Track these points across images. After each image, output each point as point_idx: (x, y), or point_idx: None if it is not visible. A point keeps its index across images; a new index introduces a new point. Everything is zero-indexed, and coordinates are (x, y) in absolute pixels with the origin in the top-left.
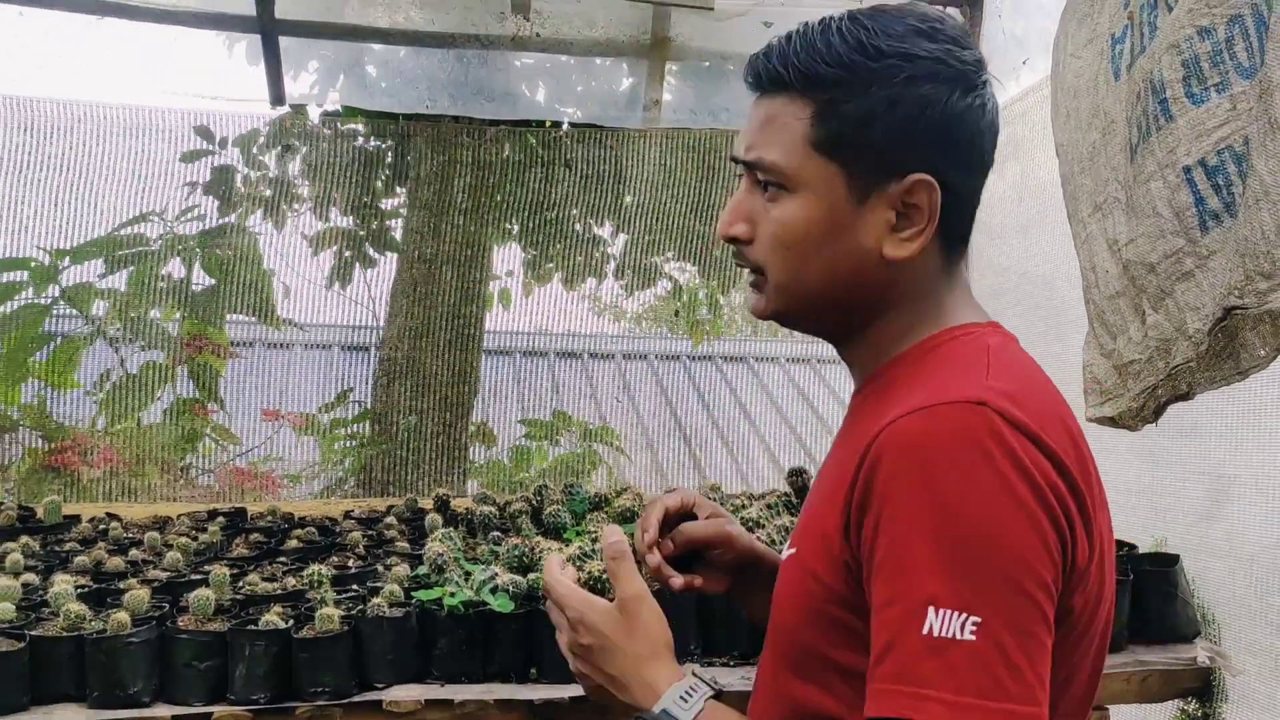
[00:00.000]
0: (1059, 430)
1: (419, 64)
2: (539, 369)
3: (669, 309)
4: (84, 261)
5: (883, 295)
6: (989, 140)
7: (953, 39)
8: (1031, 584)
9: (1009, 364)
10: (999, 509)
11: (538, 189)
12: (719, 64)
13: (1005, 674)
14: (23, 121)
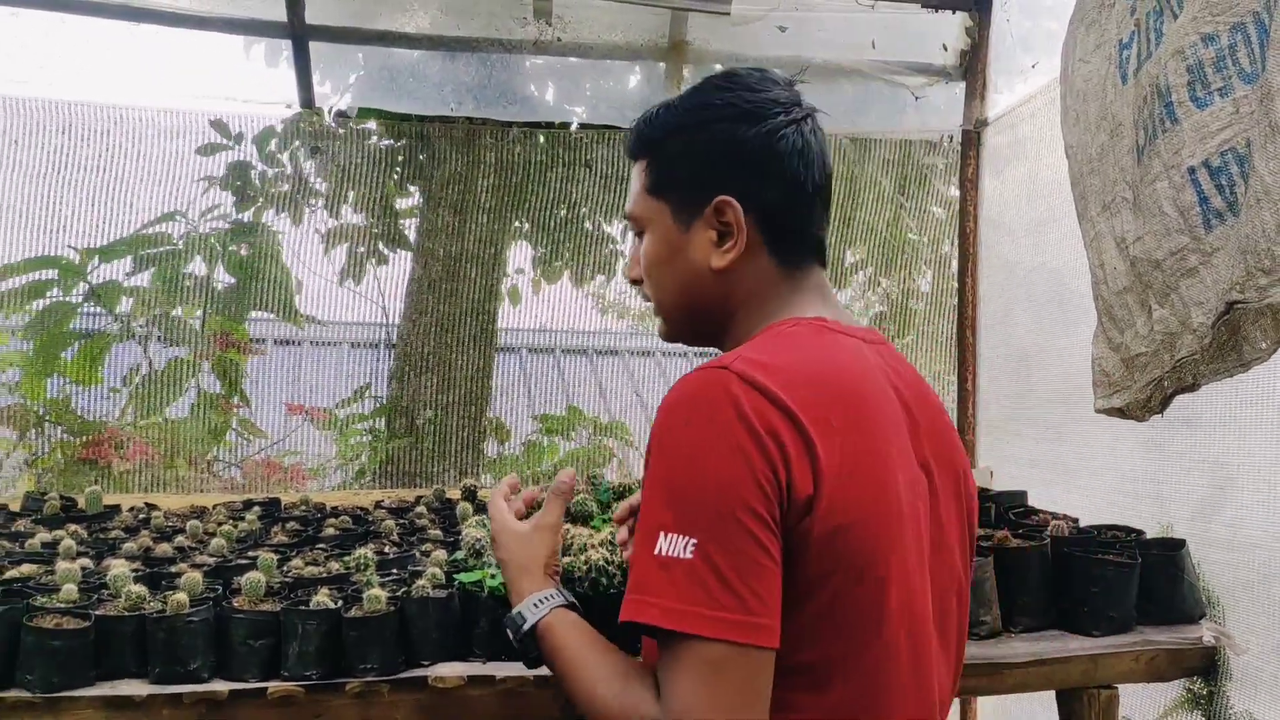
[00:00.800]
0: (808, 389)
1: (444, 68)
2: (546, 366)
3: None
4: (112, 260)
5: (725, 301)
6: (794, 160)
7: (746, 86)
8: (742, 512)
9: (787, 342)
10: (715, 451)
11: (557, 188)
12: (734, 67)
13: (716, 586)
14: (61, 124)
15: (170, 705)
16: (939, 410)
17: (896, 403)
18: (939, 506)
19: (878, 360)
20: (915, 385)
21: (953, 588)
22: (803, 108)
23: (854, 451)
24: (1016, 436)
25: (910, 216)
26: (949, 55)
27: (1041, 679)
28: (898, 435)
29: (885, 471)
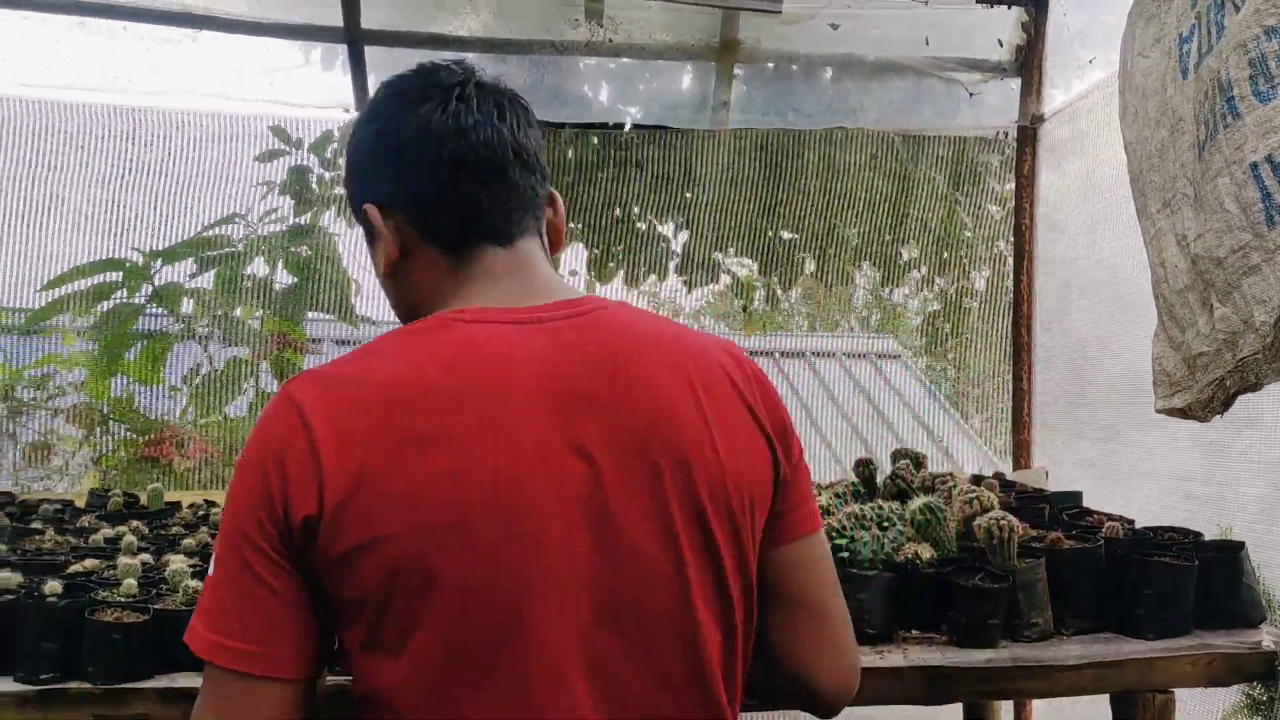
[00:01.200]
0: (346, 400)
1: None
2: None
3: (726, 304)
4: (174, 262)
5: (410, 304)
6: (431, 143)
7: (391, 88)
8: (237, 537)
9: (374, 345)
10: (239, 477)
11: (608, 188)
12: (786, 66)
13: (215, 610)
14: (125, 129)
15: None
16: (653, 394)
17: (542, 391)
18: (607, 497)
19: (539, 344)
20: (609, 366)
21: (639, 580)
22: (454, 85)
23: (395, 459)
24: (1073, 436)
25: (965, 214)
26: (1004, 51)
27: (1095, 682)
28: (527, 426)
29: (469, 471)
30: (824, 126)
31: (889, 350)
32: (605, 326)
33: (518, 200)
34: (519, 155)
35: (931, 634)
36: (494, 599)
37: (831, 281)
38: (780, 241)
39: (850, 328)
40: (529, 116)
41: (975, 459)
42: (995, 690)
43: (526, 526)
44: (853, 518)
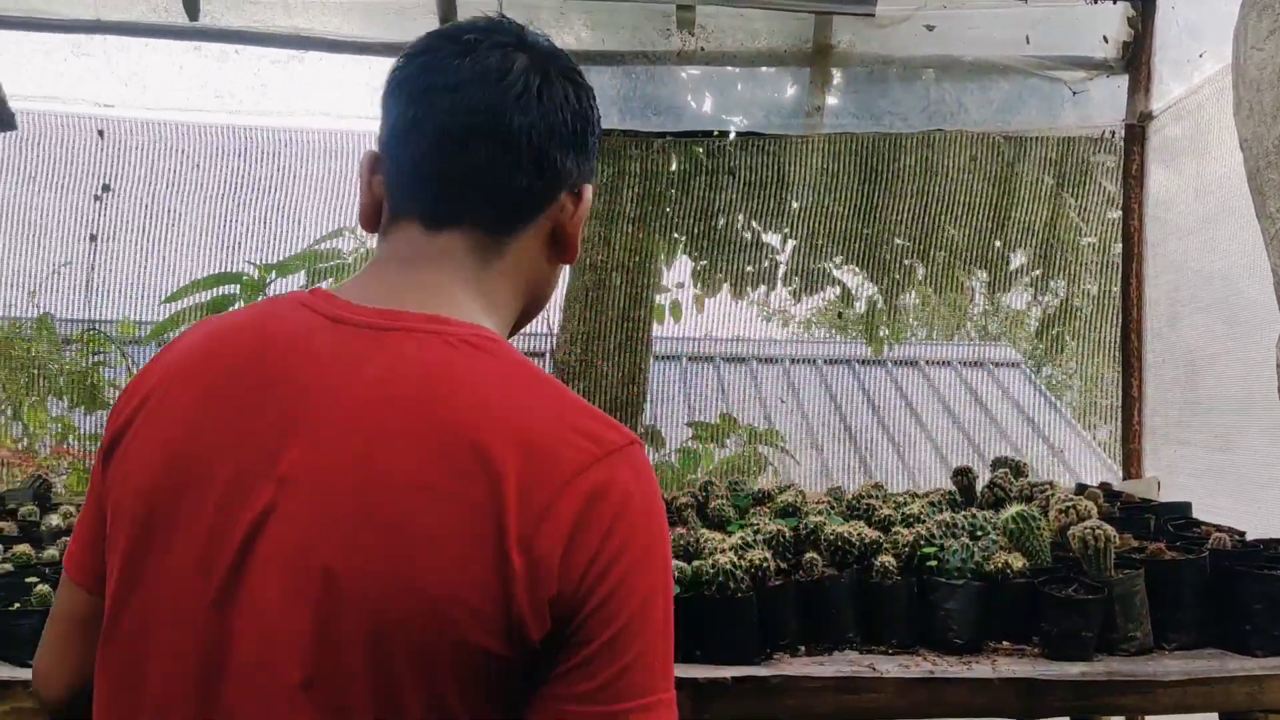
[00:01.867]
0: (151, 371)
1: (589, 82)
2: (706, 374)
3: (836, 315)
4: (287, 274)
5: None
6: (397, 91)
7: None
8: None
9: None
10: None
11: (704, 196)
12: (881, 69)
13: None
14: (238, 148)
15: None
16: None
17: (277, 398)
18: (282, 529)
19: (323, 350)
20: (379, 392)
21: (259, 629)
22: (483, 38)
23: (142, 436)
24: (1184, 445)
25: (1075, 215)
26: (1109, 47)
27: (1200, 699)
28: (232, 429)
29: (166, 462)
30: (922, 129)
31: (1007, 358)
32: (412, 355)
33: (474, 182)
34: (501, 131)
35: (1022, 646)
36: (141, 594)
37: (942, 288)
38: (889, 248)
39: (969, 336)
40: (575, 101)
41: (1099, 472)
42: (1089, 705)
43: (180, 532)
44: (942, 526)
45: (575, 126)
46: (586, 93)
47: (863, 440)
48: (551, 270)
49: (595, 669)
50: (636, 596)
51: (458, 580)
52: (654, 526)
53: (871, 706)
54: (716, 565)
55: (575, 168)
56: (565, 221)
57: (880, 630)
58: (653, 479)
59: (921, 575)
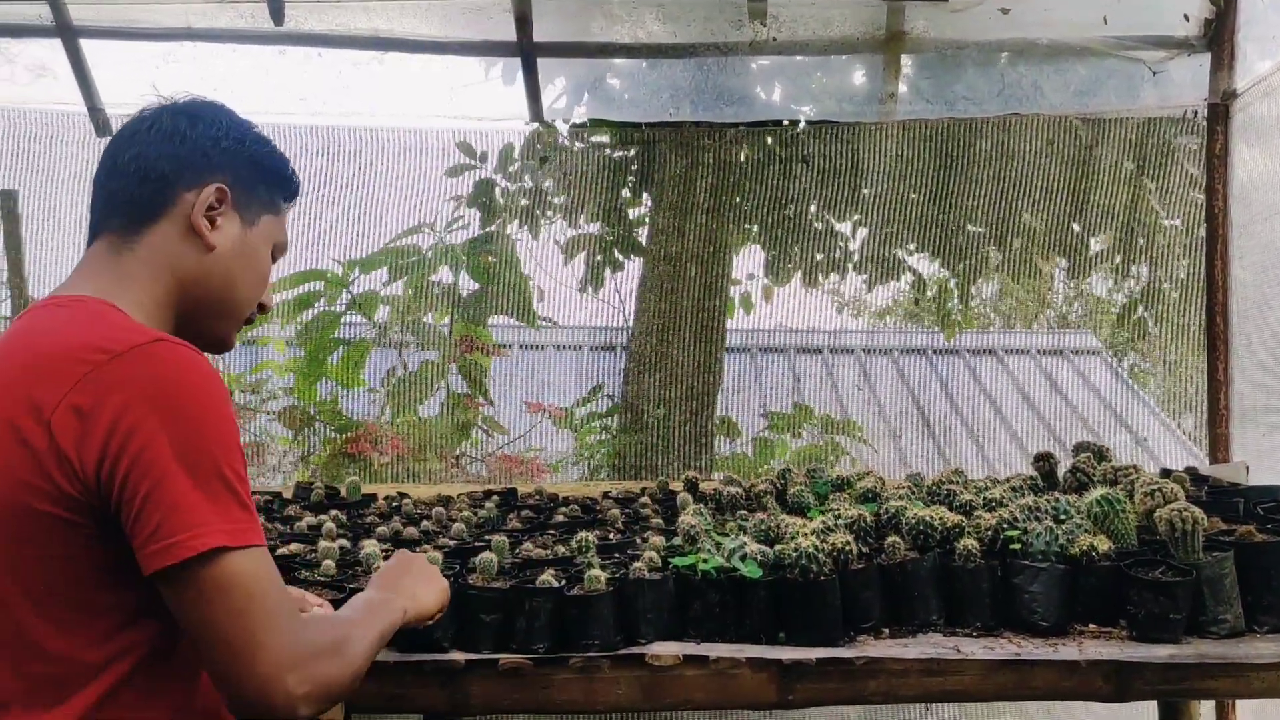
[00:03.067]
0: None
1: (661, 74)
2: (779, 364)
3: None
4: (370, 271)
5: None
6: None
7: None
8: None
9: None
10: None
11: (776, 185)
12: (955, 54)
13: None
14: (321, 147)
15: (413, 672)
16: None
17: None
18: None
19: (32, 324)
20: (26, 345)
21: None
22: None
23: None
24: (1275, 429)
25: (1155, 198)
26: (1191, 25)
27: None
28: None
29: None
30: (997, 114)
31: (1087, 346)
32: (32, 321)
33: (101, 204)
34: (113, 163)
35: (1108, 629)
36: None
37: (1019, 274)
38: (963, 234)
39: (1048, 324)
40: (170, 126)
41: (1184, 460)
42: (1178, 689)
43: None
44: (1026, 509)
45: (180, 143)
46: (200, 121)
47: (940, 430)
48: (199, 259)
49: (143, 521)
50: (155, 469)
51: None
52: (165, 404)
53: (956, 689)
54: (799, 549)
55: (184, 173)
56: (191, 211)
57: (963, 613)
58: (174, 368)
59: (1005, 558)
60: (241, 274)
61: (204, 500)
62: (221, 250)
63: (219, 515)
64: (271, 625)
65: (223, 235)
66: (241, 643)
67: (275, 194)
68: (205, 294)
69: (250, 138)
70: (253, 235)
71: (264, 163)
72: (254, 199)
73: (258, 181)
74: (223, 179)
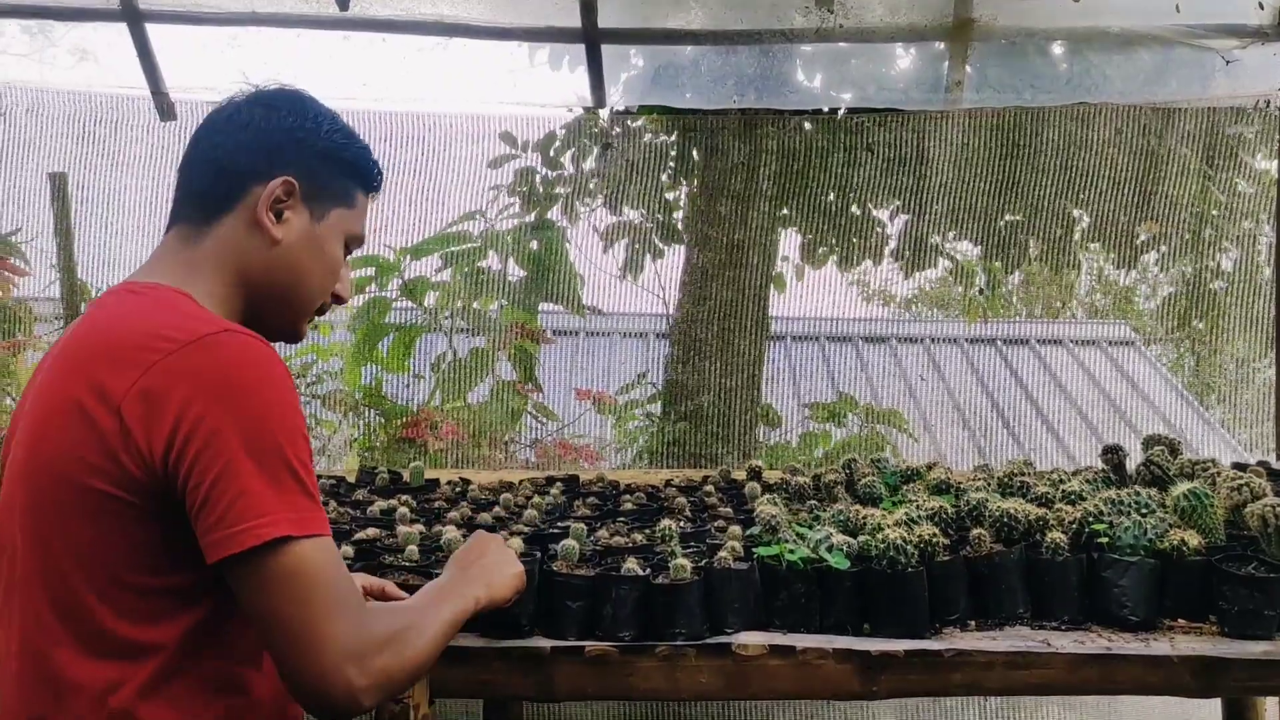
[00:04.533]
0: None
1: (726, 61)
2: (811, 353)
3: (944, 291)
4: (422, 258)
5: None
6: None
7: None
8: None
9: None
10: (293, 395)
11: (840, 174)
12: (1024, 42)
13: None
14: (385, 133)
15: (500, 658)
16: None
17: (59, 352)
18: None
19: (93, 314)
20: (99, 328)
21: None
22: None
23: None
24: None
25: (1218, 189)
26: (1265, 14)
27: None
28: (35, 383)
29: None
30: (1064, 103)
31: (1121, 336)
32: (103, 307)
33: (182, 194)
34: (193, 153)
35: (1198, 624)
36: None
37: (1059, 265)
38: (1004, 224)
39: (1072, 315)
40: (247, 117)
41: (1216, 451)
42: (1271, 685)
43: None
44: (1110, 503)
45: (253, 136)
46: (276, 112)
47: (975, 421)
48: (264, 252)
49: (209, 508)
50: (221, 457)
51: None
52: (231, 393)
53: (1041, 681)
54: (886, 540)
55: (255, 165)
56: (256, 207)
57: (1051, 606)
58: (240, 357)
59: (1091, 552)
60: (309, 268)
61: (269, 489)
62: (287, 244)
63: (284, 504)
64: (335, 615)
65: (289, 229)
66: (304, 632)
67: (351, 186)
68: (271, 287)
69: (327, 129)
70: (321, 229)
71: (340, 155)
72: (325, 192)
73: (332, 174)
74: (292, 172)
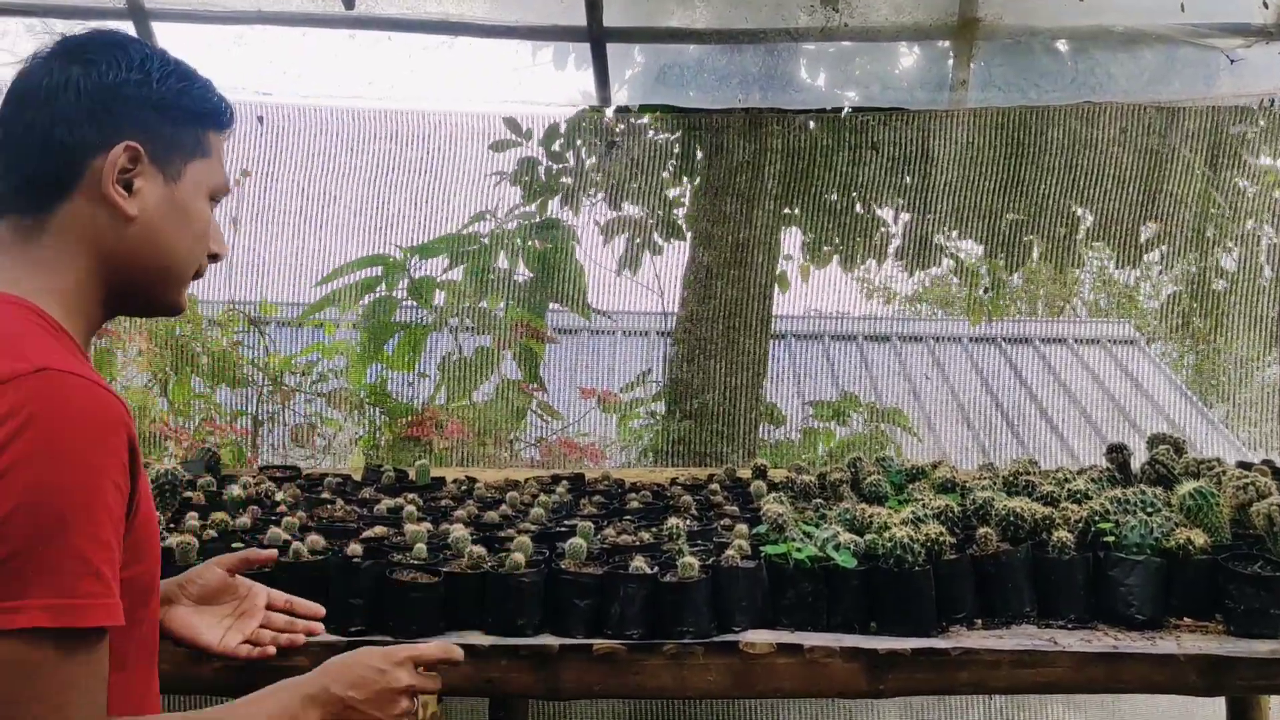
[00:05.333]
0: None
1: (731, 60)
2: (814, 352)
3: (946, 290)
4: (431, 257)
5: None
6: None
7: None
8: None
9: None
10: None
11: (844, 172)
12: (1029, 40)
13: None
14: (390, 131)
15: (508, 656)
16: None
17: None
18: None
19: None
20: None
21: None
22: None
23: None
24: None
25: (1217, 190)
26: (1270, 13)
27: None
28: None
29: None
30: (1069, 101)
31: (1123, 335)
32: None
33: (2, 184)
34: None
35: (1204, 623)
36: None
37: (1062, 264)
38: (1008, 223)
39: (1075, 313)
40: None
41: (1219, 449)
42: (1277, 684)
43: None
44: (1115, 501)
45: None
46: (95, 67)
47: (977, 419)
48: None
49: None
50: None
51: None
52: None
53: (1047, 680)
54: (893, 539)
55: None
56: (100, 184)
57: (1057, 605)
58: (51, 407)
59: (1098, 551)
60: (176, 236)
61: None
62: (145, 217)
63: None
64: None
65: (143, 200)
66: None
67: (202, 133)
68: (137, 267)
69: (159, 73)
70: (180, 190)
71: (181, 102)
72: (175, 147)
73: (178, 126)
74: (133, 134)
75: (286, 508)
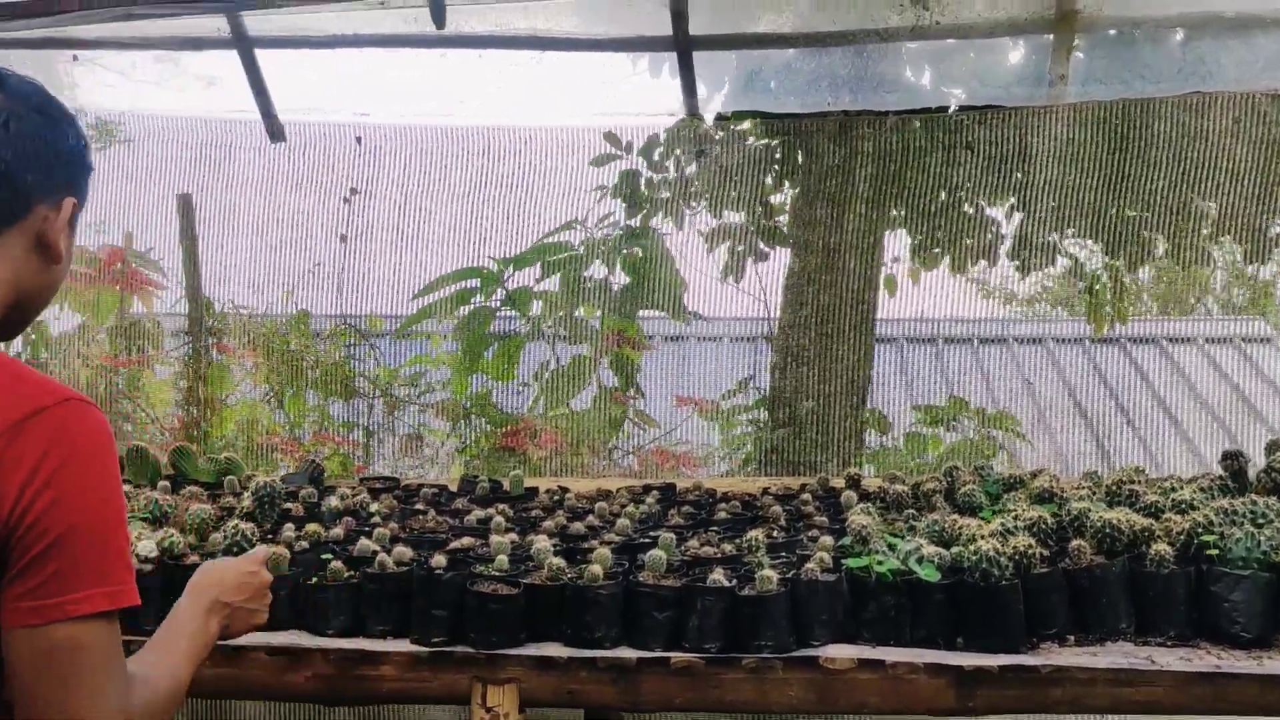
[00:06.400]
0: None
1: (820, 63)
2: (925, 355)
3: (1066, 289)
4: (524, 267)
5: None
6: None
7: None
8: None
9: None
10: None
11: (939, 173)
12: (1130, 31)
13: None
14: (482, 147)
15: (586, 668)
16: None
17: None
18: None
19: None
20: None
21: None
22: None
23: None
24: None
25: None
26: None
27: None
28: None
29: None
30: (1176, 93)
31: (1258, 333)
32: None
33: None
34: None
35: None
36: None
37: (1187, 260)
38: (1125, 220)
39: (1207, 311)
40: (26, 127)
41: None
42: None
43: None
44: (1222, 513)
45: (41, 151)
46: (54, 125)
47: (1099, 423)
48: (43, 271)
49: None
50: (63, 521)
51: None
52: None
53: (1147, 700)
54: (979, 552)
55: (44, 184)
56: (46, 230)
57: (1155, 621)
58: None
59: (1200, 564)
60: (65, 274)
61: None
62: (63, 263)
63: None
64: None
65: (66, 248)
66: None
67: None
68: (39, 300)
69: (83, 141)
70: (72, 234)
71: (88, 162)
72: (83, 202)
73: (86, 184)
74: (74, 193)
75: (380, 519)
